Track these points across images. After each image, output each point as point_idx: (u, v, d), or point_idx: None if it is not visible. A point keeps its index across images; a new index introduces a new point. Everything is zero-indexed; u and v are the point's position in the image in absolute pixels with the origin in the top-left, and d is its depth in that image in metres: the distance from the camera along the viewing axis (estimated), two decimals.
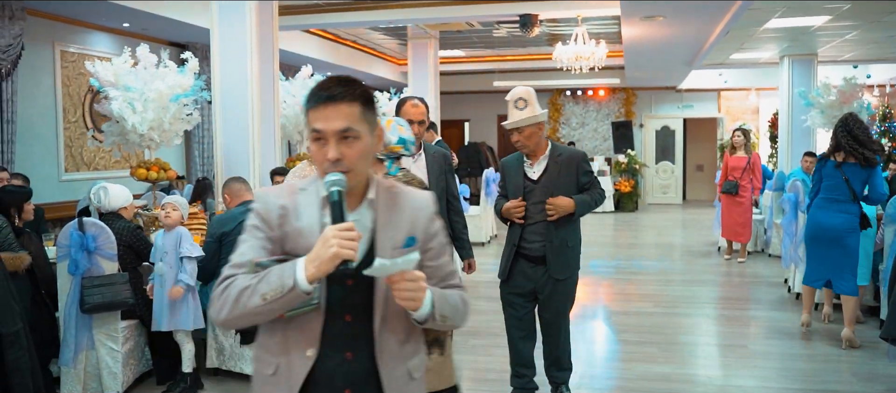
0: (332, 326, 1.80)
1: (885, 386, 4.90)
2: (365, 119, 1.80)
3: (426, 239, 1.88)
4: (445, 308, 1.83)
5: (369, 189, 1.87)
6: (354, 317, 1.82)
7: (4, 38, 6.97)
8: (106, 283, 4.42)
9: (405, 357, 1.88)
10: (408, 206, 1.89)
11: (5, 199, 4.77)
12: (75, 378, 4.52)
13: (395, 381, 1.84)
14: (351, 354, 1.82)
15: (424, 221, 1.89)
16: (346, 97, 1.76)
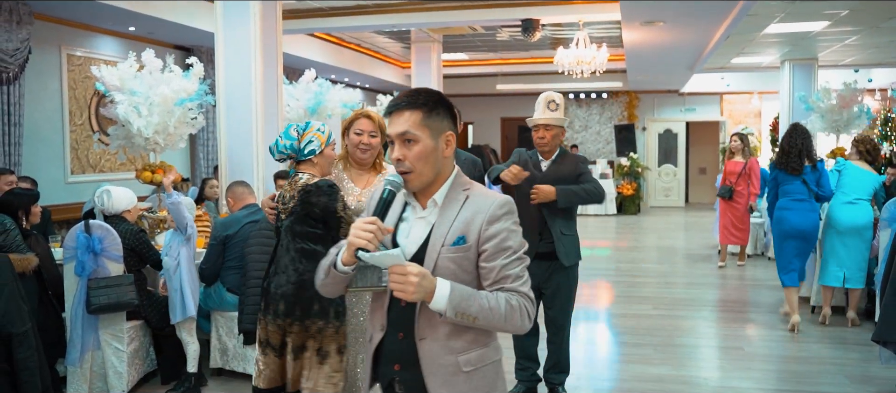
0: (394, 308, 2.03)
1: (878, 388, 4.97)
2: (426, 125, 1.97)
3: (480, 241, 1.96)
4: (471, 306, 1.90)
5: (439, 191, 2.03)
6: (408, 302, 1.97)
7: (12, 42, 7.07)
8: (112, 284, 4.51)
9: (453, 350, 1.99)
10: (469, 208, 2.00)
11: (13, 201, 4.86)
12: (81, 378, 4.62)
13: (437, 367, 1.98)
14: (402, 335, 2.02)
15: (480, 224, 1.97)
16: (408, 106, 1.97)
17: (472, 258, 1.97)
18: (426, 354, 1.98)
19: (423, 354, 1.98)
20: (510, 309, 1.94)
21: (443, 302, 1.87)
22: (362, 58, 14.36)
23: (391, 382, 2.07)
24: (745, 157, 9.35)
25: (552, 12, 9.50)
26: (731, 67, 13.73)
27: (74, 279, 4.56)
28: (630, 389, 5.04)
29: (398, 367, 2.03)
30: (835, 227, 6.21)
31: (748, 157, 9.40)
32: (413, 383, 2.01)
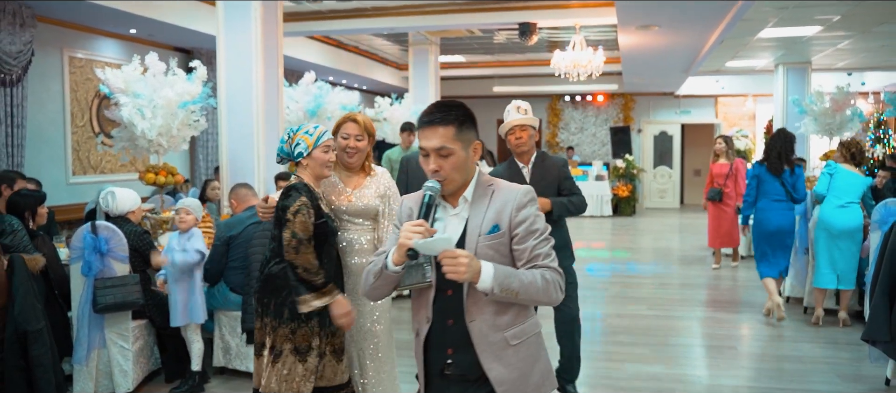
0: (439, 299, 2.24)
1: (868, 386, 5.07)
2: (459, 138, 2.21)
3: (511, 227, 2.21)
4: (512, 282, 2.13)
5: (467, 189, 2.27)
6: (454, 292, 2.22)
7: (15, 44, 7.16)
8: (118, 284, 4.60)
9: (500, 327, 2.22)
10: (498, 200, 2.25)
11: (20, 202, 4.96)
12: (87, 376, 4.70)
13: (488, 345, 2.21)
14: (452, 321, 2.23)
15: (510, 212, 2.22)
16: (443, 121, 2.20)
17: (506, 243, 2.22)
18: (477, 334, 2.20)
19: (475, 334, 2.20)
20: (545, 283, 2.18)
21: (489, 280, 2.09)
22: (360, 60, 14.46)
23: (442, 368, 2.26)
24: (729, 159, 9.42)
25: (549, 16, 9.62)
26: (726, 71, 13.88)
27: (81, 279, 4.65)
28: (625, 387, 5.14)
29: (451, 351, 2.25)
30: (828, 230, 6.34)
31: (733, 159, 9.46)
32: (466, 364, 2.23)
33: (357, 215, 3.65)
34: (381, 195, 3.70)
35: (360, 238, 3.66)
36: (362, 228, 3.67)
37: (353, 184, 3.69)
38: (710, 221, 9.60)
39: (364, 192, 3.67)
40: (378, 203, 3.68)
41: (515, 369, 2.23)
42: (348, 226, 3.65)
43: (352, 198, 3.65)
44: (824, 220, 6.37)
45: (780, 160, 6.58)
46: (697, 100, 18.02)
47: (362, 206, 3.64)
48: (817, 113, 10.61)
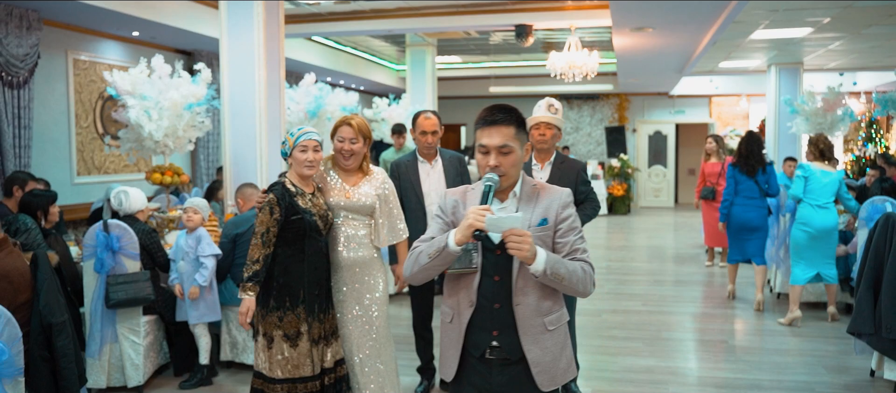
0: (485, 284, 2.43)
1: (853, 377, 5.26)
2: (517, 138, 2.43)
3: (557, 221, 2.46)
4: (560, 268, 2.34)
5: (516, 186, 2.49)
6: (501, 277, 2.42)
7: (22, 47, 7.30)
8: (129, 280, 4.76)
9: (541, 312, 2.44)
10: (545, 198, 2.49)
11: (33, 202, 5.11)
12: (100, 369, 4.86)
13: (530, 328, 2.42)
14: (498, 305, 2.42)
15: (556, 209, 2.47)
16: (505, 121, 2.42)
17: (550, 236, 2.46)
18: (522, 317, 2.42)
19: (519, 317, 2.42)
20: (584, 274, 2.42)
21: (542, 263, 2.30)
22: (358, 61, 14.61)
23: (484, 351, 2.45)
24: (720, 158, 9.57)
25: (545, 18, 9.78)
26: (719, 71, 14.06)
27: (94, 276, 4.81)
28: (619, 380, 5.32)
29: (496, 333, 2.43)
30: (808, 230, 6.52)
31: (724, 158, 9.62)
32: (509, 346, 2.42)
33: (354, 211, 3.89)
34: (378, 194, 3.94)
35: (356, 233, 3.90)
36: (359, 224, 3.91)
37: (351, 182, 3.94)
38: (705, 219, 9.77)
39: (361, 190, 3.91)
40: (375, 201, 3.92)
41: (549, 353, 2.45)
42: (345, 221, 3.89)
43: (349, 195, 3.88)
44: (805, 220, 6.55)
45: (752, 161, 7.13)
46: (692, 100, 18.21)
47: (360, 203, 3.88)
48: (809, 113, 10.80)
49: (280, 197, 3.63)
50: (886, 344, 4.90)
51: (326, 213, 3.79)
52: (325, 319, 3.78)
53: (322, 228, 3.74)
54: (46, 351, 3.05)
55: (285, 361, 3.65)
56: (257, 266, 3.58)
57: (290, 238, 3.67)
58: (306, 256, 3.68)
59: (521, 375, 2.43)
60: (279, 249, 3.67)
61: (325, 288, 3.81)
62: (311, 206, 3.72)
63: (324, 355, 3.77)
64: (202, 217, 5.06)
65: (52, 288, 3.14)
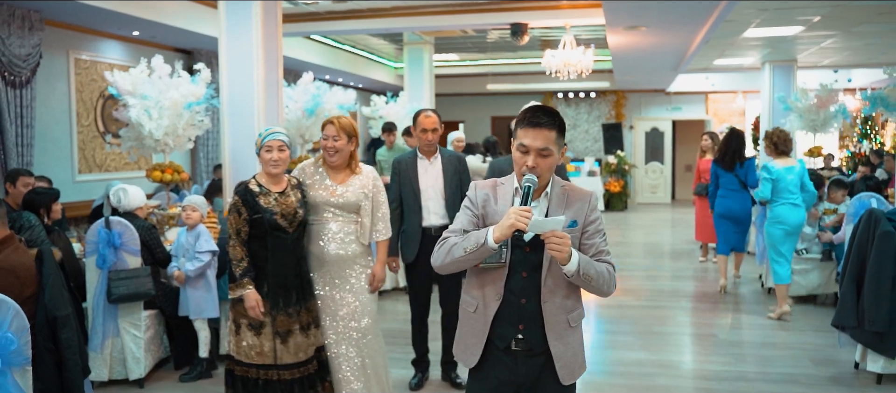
0: (513, 279, 2.52)
1: (838, 370, 5.39)
2: (557, 143, 2.50)
3: (585, 224, 2.57)
4: (590, 269, 2.46)
5: (548, 188, 2.58)
6: (529, 274, 2.52)
7: (24, 47, 7.42)
8: (131, 276, 4.89)
9: (566, 309, 2.55)
10: (575, 200, 2.59)
11: (36, 199, 5.24)
12: (102, 362, 5.00)
13: (555, 324, 2.53)
14: (525, 301, 2.52)
15: (585, 211, 2.57)
16: (547, 125, 2.47)
17: (578, 237, 2.55)
18: (549, 313, 2.52)
19: (547, 314, 2.52)
20: (610, 275, 2.54)
21: (575, 264, 2.41)
22: (356, 59, 14.72)
23: (509, 343, 2.54)
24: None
25: (540, 17, 9.89)
26: (715, 68, 14.18)
27: (96, 271, 4.94)
28: (609, 372, 5.45)
29: (522, 326, 2.52)
30: (785, 227, 6.70)
31: None
32: (533, 339, 2.53)
33: (340, 209, 4.05)
34: (365, 193, 4.10)
35: (341, 229, 4.06)
36: (345, 221, 4.07)
37: (339, 180, 4.09)
38: (697, 215, 9.89)
39: (348, 188, 4.07)
40: (361, 199, 4.08)
41: (570, 348, 2.57)
42: (331, 218, 4.06)
43: (336, 192, 4.05)
44: (781, 218, 6.71)
45: (732, 158, 7.69)
46: (688, 96, 18.33)
47: (345, 201, 4.04)
48: (802, 109, 10.91)
49: (243, 197, 3.87)
50: (869, 336, 5.03)
51: (295, 211, 3.94)
52: (295, 312, 3.94)
53: (286, 226, 3.90)
54: (51, 343, 3.18)
55: (249, 347, 3.88)
56: (244, 263, 3.84)
57: (254, 234, 3.88)
58: (270, 252, 3.88)
59: (542, 367, 2.54)
60: (247, 245, 3.90)
61: (294, 283, 3.96)
62: (275, 204, 3.89)
63: (298, 346, 3.94)
64: (201, 214, 5.19)
65: (56, 283, 3.27)
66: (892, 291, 4.92)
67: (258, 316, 3.82)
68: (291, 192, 3.98)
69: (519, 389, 2.58)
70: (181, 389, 5.09)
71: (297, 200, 3.98)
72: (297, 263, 3.99)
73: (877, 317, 4.92)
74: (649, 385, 5.12)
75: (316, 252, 4.08)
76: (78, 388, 3.26)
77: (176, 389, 5.11)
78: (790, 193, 6.69)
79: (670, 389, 5.05)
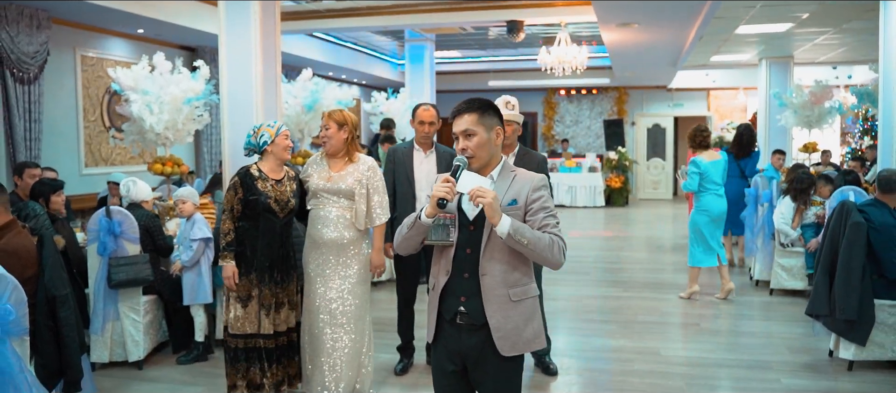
0: (458, 256, 2.73)
1: (812, 357, 5.57)
2: (480, 123, 2.72)
3: (527, 203, 2.73)
4: (525, 232, 2.61)
5: (495, 170, 2.79)
6: (472, 251, 2.73)
7: (32, 45, 7.68)
8: (130, 262, 5.14)
9: (507, 283, 2.72)
10: (518, 182, 2.77)
11: (40, 189, 5.48)
12: (103, 345, 5.25)
13: (494, 297, 2.70)
14: (467, 275, 2.73)
15: (527, 192, 2.73)
16: (465, 110, 2.74)
17: (520, 215, 2.71)
18: (487, 287, 2.70)
19: (485, 287, 2.71)
20: (551, 242, 2.66)
21: (506, 225, 2.59)
22: (359, 56, 14.95)
23: (455, 315, 2.75)
24: None
25: (535, 14, 10.09)
26: (712, 65, 14.33)
27: (97, 258, 5.18)
28: (590, 357, 5.65)
29: (464, 299, 2.73)
30: (710, 214, 7.20)
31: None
32: (474, 312, 2.72)
33: (334, 194, 4.34)
34: (359, 180, 4.37)
35: (339, 215, 4.34)
36: (339, 206, 4.35)
37: (337, 167, 4.40)
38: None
39: (344, 175, 4.36)
40: (355, 186, 4.35)
41: (511, 321, 2.72)
42: (327, 203, 4.36)
43: (331, 178, 4.35)
44: (707, 206, 7.18)
45: (745, 149, 8.12)
46: (689, 93, 18.47)
47: (338, 187, 4.33)
48: (797, 106, 11.04)
49: (242, 178, 4.25)
50: (840, 325, 5.21)
51: (288, 199, 4.32)
52: (278, 289, 4.33)
53: (278, 211, 4.28)
54: (51, 321, 3.42)
55: (236, 319, 4.27)
56: (230, 237, 4.22)
57: (248, 214, 4.25)
58: (260, 232, 4.26)
59: (486, 339, 2.72)
60: (239, 224, 4.26)
61: (280, 262, 4.33)
62: (271, 190, 4.26)
63: (276, 320, 4.34)
64: (193, 204, 5.44)
65: (56, 264, 3.50)
66: (862, 280, 5.09)
67: (232, 286, 4.21)
68: (287, 183, 4.36)
69: (465, 360, 2.77)
70: (178, 371, 5.32)
71: (292, 191, 4.36)
72: (283, 245, 4.36)
73: (847, 305, 5.09)
74: (627, 370, 5.32)
75: (314, 235, 4.38)
76: (76, 363, 3.50)
77: (173, 371, 5.35)
78: (715, 185, 7.18)
79: (647, 373, 5.24)
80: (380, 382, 5.02)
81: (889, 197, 5.28)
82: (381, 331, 6.21)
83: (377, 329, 6.28)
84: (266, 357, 4.32)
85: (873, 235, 5.13)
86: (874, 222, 5.16)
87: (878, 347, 5.16)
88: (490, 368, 2.74)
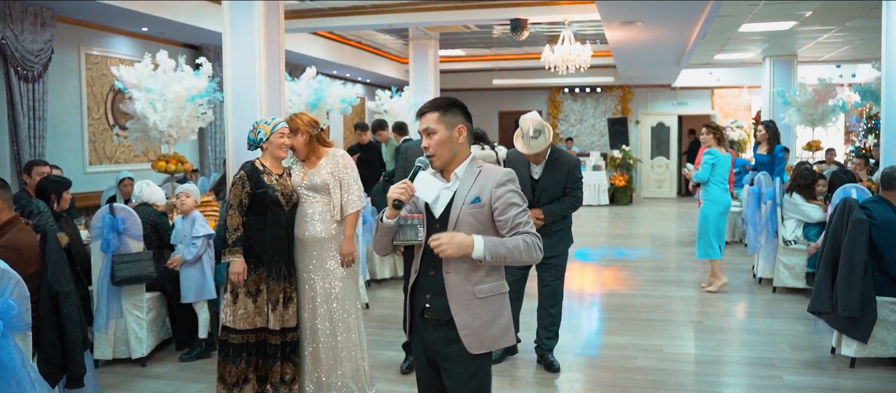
0: (426, 255, 2.75)
1: (814, 354, 5.56)
2: (442, 121, 2.75)
3: (492, 200, 2.73)
4: (500, 249, 2.64)
5: (459, 168, 2.80)
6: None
7: (37, 43, 7.71)
8: (133, 259, 5.16)
9: (472, 281, 2.72)
10: (482, 178, 2.77)
11: (48, 187, 5.52)
12: (106, 342, 5.27)
13: (459, 294, 2.72)
14: (433, 272, 2.76)
15: (490, 188, 2.73)
16: (428, 110, 2.79)
17: (486, 213, 2.72)
18: (451, 284, 2.72)
19: (449, 284, 2.73)
20: (527, 245, 2.68)
21: (481, 250, 2.61)
22: (363, 54, 14.97)
23: (423, 309, 2.79)
24: None
25: (539, 12, 10.08)
26: (716, 63, 14.31)
27: (101, 255, 5.21)
28: (591, 355, 5.66)
29: (429, 296, 2.77)
30: (719, 209, 7.52)
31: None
32: (439, 308, 2.75)
33: (311, 190, 4.44)
34: (332, 172, 4.47)
35: (318, 212, 4.44)
36: (318, 202, 4.45)
37: (310, 164, 4.51)
38: None
39: (318, 169, 4.46)
40: (329, 179, 4.45)
41: (478, 318, 2.73)
42: (306, 200, 4.46)
43: (307, 175, 4.46)
44: (718, 200, 7.47)
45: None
46: (694, 91, 18.45)
47: (314, 182, 4.43)
48: (800, 104, 11.05)
49: (249, 173, 4.29)
50: (842, 322, 5.20)
51: (291, 193, 4.38)
52: (283, 284, 4.35)
53: (284, 204, 4.32)
54: (54, 317, 3.44)
55: (246, 314, 4.29)
56: (238, 233, 4.24)
57: (255, 209, 4.28)
58: (268, 225, 4.30)
59: (451, 335, 2.74)
60: (246, 218, 4.28)
61: (285, 257, 4.36)
62: (276, 183, 4.32)
63: (284, 316, 4.36)
64: (194, 200, 5.47)
65: (59, 260, 3.52)
66: (863, 277, 5.09)
67: (239, 282, 4.22)
68: (287, 177, 4.45)
69: (434, 356, 2.81)
70: (181, 369, 5.35)
71: (292, 185, 4.44)
72: (288, 239, 4.40)
73: (849, 302, 5.08)
74: (629, 366, 5.32)
75: (298, 234, 4.45)
76: (78, 359, 3.51)
77: (176, 368, 5.37)
78: (723, 179, 7.45)
79: (650, 370, 5.24)
80: (385, 379, 5.03)
81: (891, 194, 5.28)
82: (384, 328, 6.23)
83: (381, 326, 6.32)
84: (272, 353, 4.35)
85: (876, 232, 5.13)
86: (877, 219, 5.15)
87: (880, 345, 5.16)
88: (459, 364, 2.75)
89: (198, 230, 5.35)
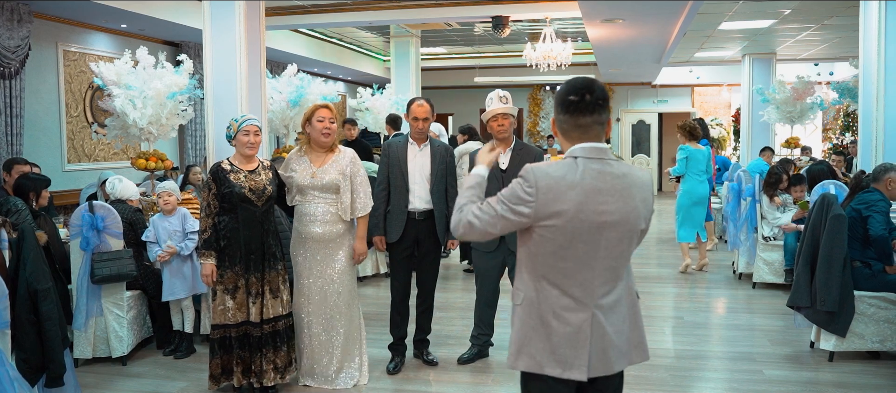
0: None
1: (793, 349, 5.62)
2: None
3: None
4: (470, 182, 2.60)
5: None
6: None
7: (13, 39, 7.61)
8: (113, 257, 5.11)
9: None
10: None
11: (26, 184, 5.45)
12: (86, 341, 5.21)
13: None
14: None
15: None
16: None
17: None
18: None
19: None
20: (463, 208, 2.47)
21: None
22: (344, 52, 14.92)
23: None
24: None
25: (520, 10, 10.10)
26: (696, 61, 14.41)
27: (80, 254, 5.15)
28: None
29: None
30: (691, 198, 8.30)
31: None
32: None
33: (320, 189, 4.39)
34: (342, 172, 4.43)
35: (325, 211, 4.41)
36: (325, 201, 4.42)
37: (318, 162, 4.45)
38: None
39: (327, 169, 4.42)
40: (339, 179, 4.40)
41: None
42: (315, 199, 4.41)
43: (315, 175, 4.40)
44: (690, 190, 8.21)
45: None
46: (674, 89, 18.58)
47: (322, 182, 4.39)
48: (779, 102, 11.15)
49: (214, 174, 4.30)
50: (821, 316, 5.26)
51: (264, 187, 4.35)
52: (262, 277, 4.34)
53: (255, 200, 4.31)
54: (33, 315, 3.40)
55: (226, 310, 4.31)
56: (206, 234, 4.27)
57: (226, 207, 4.29)
58: (240, 222, 4.29)
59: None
60: (219, 218, 4.29)
61: (261, 250, 4.34)
62: (245, 180, 4.31)
63: (263, 308, 4.35)
64: (177, 198, 5.43)
65: (37, 258, 3.48)
66: (842, 272, 5.15)
67: (209, 284, 4.27)
68: (262, 172, 4.41)
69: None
70: (163, 367, 5.30)
71: (267, 179, 4.41)
72: (264, 234, 4.38)
73: (828, 297, 5.14)
74: None
75: (301, 230, 4.45)
76: (58, 357, 3.48)
77: (158, 366, 5.32)
78: (699, 172, 8.04)
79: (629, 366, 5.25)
80: (371, 377, 5.01)
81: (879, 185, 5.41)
82: (367, 326, 6.20)
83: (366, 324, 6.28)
84: (254, 345, 4.36)
85: (877, 221, 5.20)
86: (878, 207, 5.26)
87: (858, 338, 5.23)
88: None
89: (192, 226, 5.33)
